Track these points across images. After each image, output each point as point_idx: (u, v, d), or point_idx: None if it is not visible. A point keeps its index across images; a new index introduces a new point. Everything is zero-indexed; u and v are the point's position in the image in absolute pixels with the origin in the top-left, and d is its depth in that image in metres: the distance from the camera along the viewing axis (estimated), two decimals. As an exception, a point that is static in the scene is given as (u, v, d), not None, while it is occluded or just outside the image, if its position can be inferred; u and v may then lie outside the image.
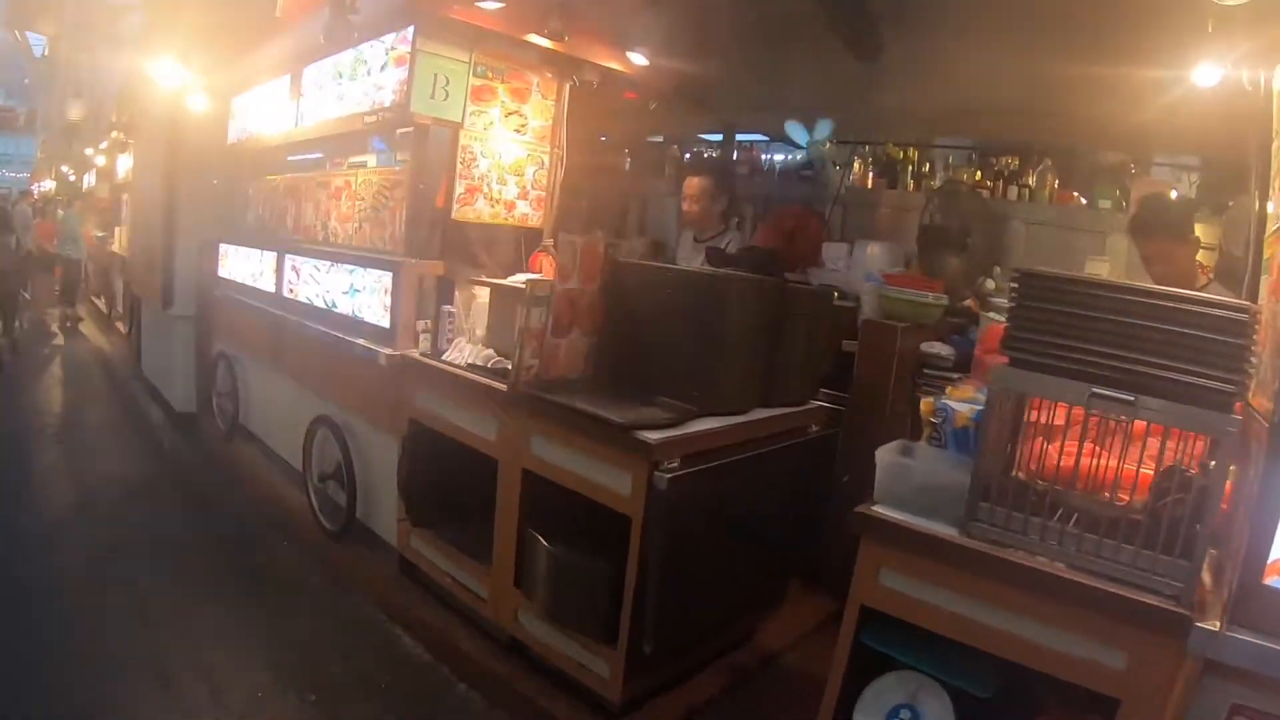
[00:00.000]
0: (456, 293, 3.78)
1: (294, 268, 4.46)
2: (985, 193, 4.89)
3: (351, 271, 3.92)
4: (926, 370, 4.18)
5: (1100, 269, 4.56)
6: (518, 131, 3.92)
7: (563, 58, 3.88)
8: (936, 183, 5.15)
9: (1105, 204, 4.65)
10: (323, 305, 4.18)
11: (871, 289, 4.22)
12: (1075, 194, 4.71)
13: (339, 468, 3.97)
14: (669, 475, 2.56)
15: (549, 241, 4.11)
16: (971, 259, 4.58)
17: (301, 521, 4.25)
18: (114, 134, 9.77)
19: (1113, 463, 1.83)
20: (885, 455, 2.25)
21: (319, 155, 4.48)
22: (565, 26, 3.61)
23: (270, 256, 4.72)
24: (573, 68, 4.01)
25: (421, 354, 3.55)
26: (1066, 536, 1.83)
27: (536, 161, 4.03)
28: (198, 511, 4.58)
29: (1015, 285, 1.95)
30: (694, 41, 4.19)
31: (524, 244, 4.14)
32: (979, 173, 5.00)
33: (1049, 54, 4.12)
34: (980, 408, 2.29)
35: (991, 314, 4.07)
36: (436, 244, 3.75)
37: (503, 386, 3.05)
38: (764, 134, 6.31)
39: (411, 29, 3.44)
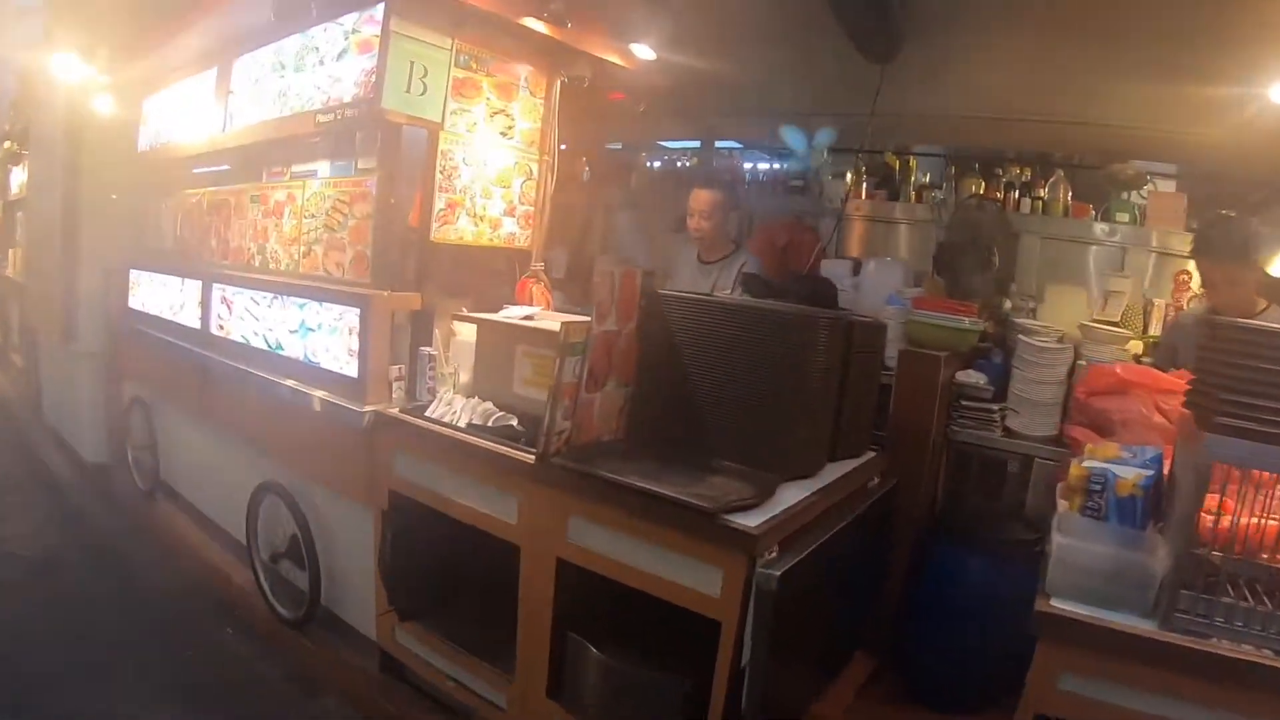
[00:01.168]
0: (435, 330, 2.89)
1: (224, 300, 3.46)
2: (974, 201, 4.33)
3: (302, 306, 2.98)
4: (965, 402, 3.55)
5: (1122, 287, 4.05)
6: (504, 135, 3.07)
7: (557, 48, 3.05)
8: (941, 195, 4.57)
9: (1123, 218, 4.14)
10: (264, 346, 3.21)
11: (898, 313, 3.55)
12: (1091, 208, 4.20)
13: (295, 544, 3.02)
14: (777, 572, 1.84)
15: (539, 265, 3.27)
16: (995, 278, 3.99)
17: (250, 606, 3.27)
18: (6, 144, 8.24)
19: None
20: (1057, 537, 1.74)
21: (252, 163, 3.48)
22: (568, 10, 2.79)
23: (193, 286, 3.68)
24: (566, 60, 3.18)
25: (401, 410, 2.66)
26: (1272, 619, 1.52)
27: (524, 171, 3.18)
28: (119, 590, 3.52)
29: (1211, 336, 1.68)
30: (704, 35, 3.43)
31: (510, 268, 3.29)
32: (983, 183, 4.44)
33: (1089, 60, 3.60)
34: (1149, 474, 1.90)
35: (1088, 350, 3.48)
36: (411, 271, 2.86)
37: (523, 456, 2.22)
38: (742, 141, 5.62)
39: (382, 6, 2.55)
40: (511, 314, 2.91)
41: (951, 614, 2.81)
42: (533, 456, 2.19)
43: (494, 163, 3.04)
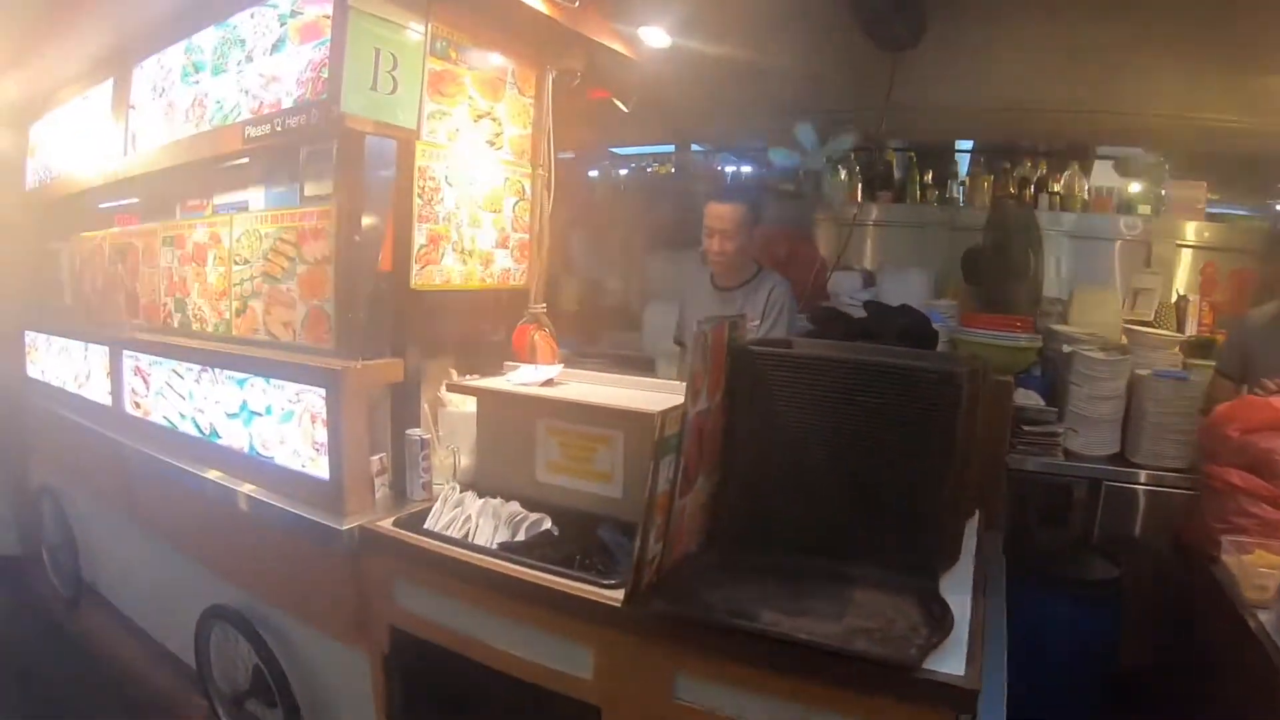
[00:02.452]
0: (424, 405, 2.05)
1: (138, 372, 2.51)
2: (1011, 201, 3.73)
3: (242, 383, 2.08)
4: (1025, 427, 2.94)
5: (1151, 284, 3.51)
6: (491, 144, 2.23)
7: (550, 33, 2.24)
8: (951, 193, 3.95)
9: (1145, 210, 3.60)
10: (195, 433, 2.29)
11: (941, 332, 2.89)
12: (1111, 200, 3.65)
13: (261, 680, 2.13)
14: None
15: (540, 308, 2.45)
16: (1031, 284, 3.38)
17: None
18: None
19: None
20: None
21: (163, 196, 2.51)
22: (568, -20, 1.98)
23: (98, 353, 2.71)
24: (557, 50, 2.37)
25: (395, 521, 1.81)
26: None
27: (516, 190, 2.36)
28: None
29: None
30: (709, 19, 2.66)
31: (500, 312, 2.46)
32: (993, 179, 3.84)
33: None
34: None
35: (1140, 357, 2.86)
36: (387, 331, 2.00)
37: (597, 596, 1.46)
38: (714, 143, 4.88)
39: (332, -25, 1.69)
40: (524, 378, 2.09)
41: (1040, 664, 2.18)
42: (608, 593, 1.43)
43: (482, 181, 2.20)
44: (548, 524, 1.83)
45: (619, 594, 1.41)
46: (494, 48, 2.19)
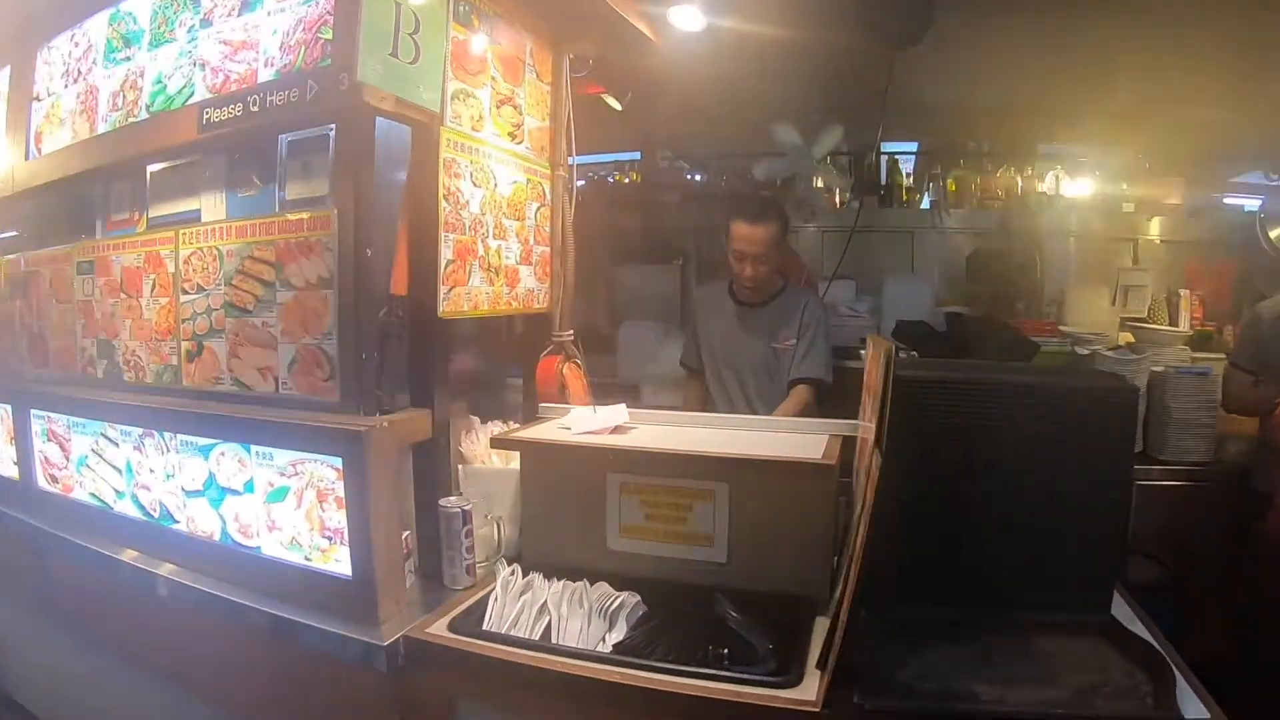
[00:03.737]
0: (460, 468, 1.54)
1: (52, 435, 1.83)
2: (998, 202, 3.53)
3: (207, 451, 1.49)
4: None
5: (1142, 281, 3.38)
6: (512, 137, 1.74)
7: (574, 5, 1.77)
8: (935, 196, 3.70)
9: (1129, 208, 3.48)
10: (137, 514, 1.66)
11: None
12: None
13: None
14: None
15: (567, 335, 1.97)
16: (1035, 285, 3.17)
17: None
18: None
19: None
20: None
21: (80, 209, 1.83)
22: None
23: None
24: (577, 28, 1.90)
25: (452, 623, 1.29)
26: None
27: (537, 193, 1.87)
28: None
29: None
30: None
31: (513, 340, 1.96)
32: (979, 179, 3.62)
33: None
34: None
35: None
36: (402, 373, 1.47)
37: (767, 695, 1.07)
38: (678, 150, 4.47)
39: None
40: (586, 424, 1.60)
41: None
42: (785, 693, 1.05)
43: (504, 181, 1.70)
44: (631, 602, 1.35)
45: (796, 692, 1.07)
46: (514, 19, 1.70)
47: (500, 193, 1.68)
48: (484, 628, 1.31)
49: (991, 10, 2.85)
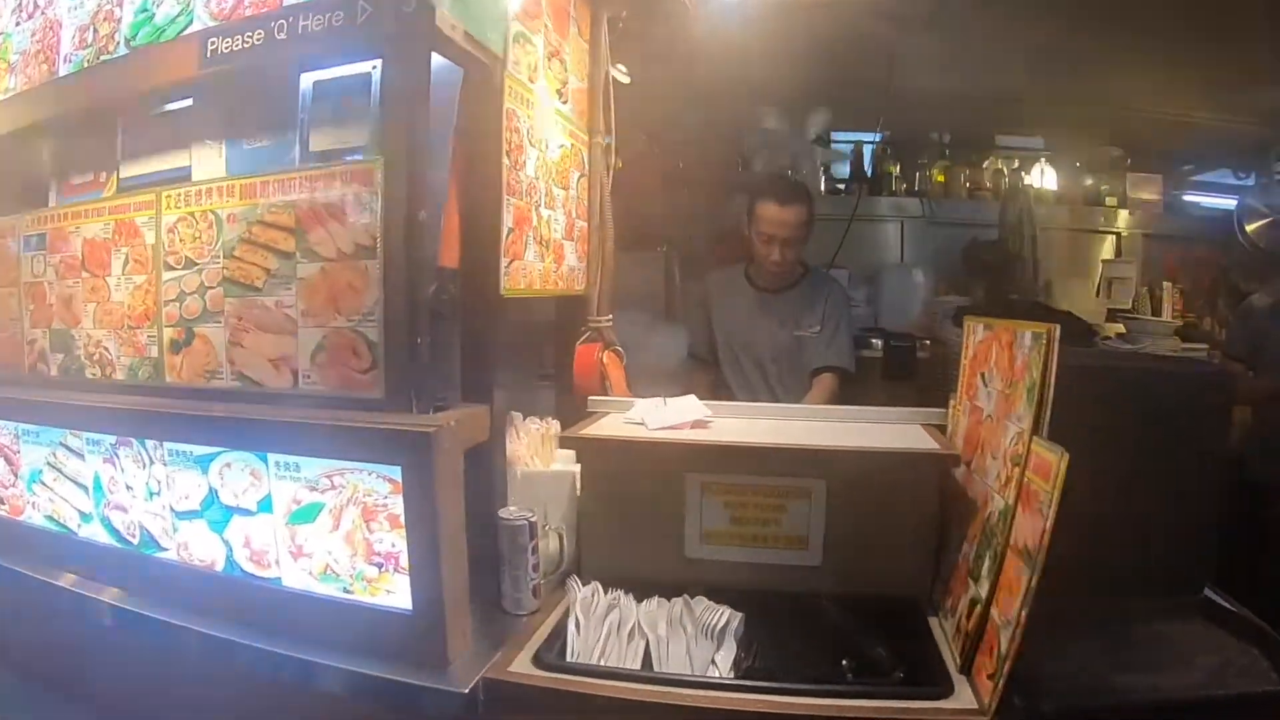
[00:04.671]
0: (518, 471, 1.27)
1: None
2: (988, 194, 3.46)
3: (207, 463, 1.16)
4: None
5: (1126, 273, 3.37)
6: (559, 95, 1.47)
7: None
8: (920, 186, 3.57)
9: (1111, 202, 3.47)
10: (110, 540, 1.31)
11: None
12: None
13: None
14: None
15: (606, 321, 1.72)
16: (1030, 277, 3.09)
17: None
18: None
19: None
20: None
21: (30, 171, 1.45)
22: None
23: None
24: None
25: (537, 662, 1.02)
26: None
27: (578, 161, 1.60)
28: None
29: None
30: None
31: (548, 328, 1.69)
32: (967, 171, 3.53)
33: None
34: None
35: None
36: (450, 361, 1.18)
37: (931, 710, 0.90)
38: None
39: None
40: (662, 419, 1.35)
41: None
42: (942, 704, 0.93)
43: (553, 142, 1.43)
44: (734, 617, 1.11)
45: (953, 702, 0.94)
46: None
47: (549, 156, 1.41)
48: (569, 659, 1.06)
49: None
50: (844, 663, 1.05)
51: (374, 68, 1.08)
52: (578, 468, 1.37)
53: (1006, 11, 2.70)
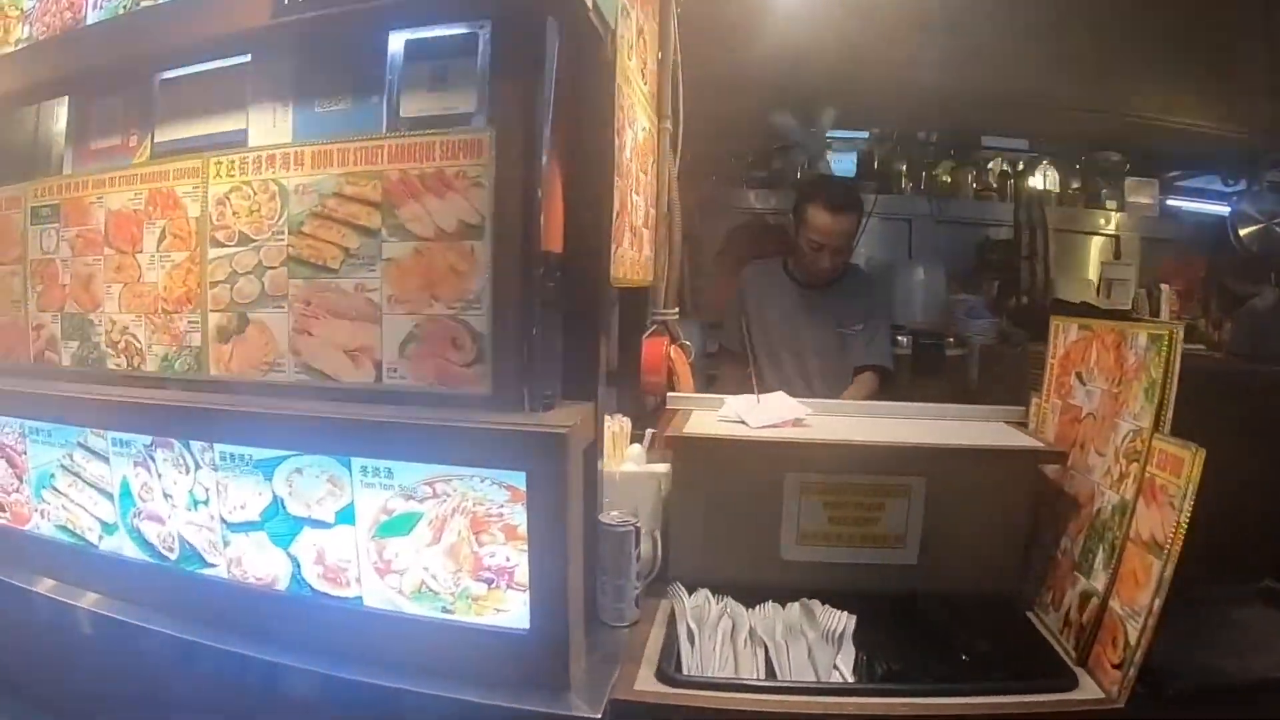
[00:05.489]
0: (615, 473, 1.17)
1: None
2: (994, 195, 3.49)
3: (273, 468, 1.02)
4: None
5: (1126, 275, 3.45)
6: (643, 75, 1.37)
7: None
8: (927, 185, 3.58)
9: (1111, 205, 3.54)
10: (140, 555, 1.15)
11: (987, 329, 2.51)
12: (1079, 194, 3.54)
13: None
14: None
15: (672, 313, 1.63)
16: (1047, 274, 3.13)
17: None
18: None
19: None
20: None
21: (37, 139, 1.26)
22: None
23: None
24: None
25: (661, 677, 0.93)
26: None
27: (653, 145, 1.50)
28: None
29: None
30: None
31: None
32: (974, 171, 3.56)
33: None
34: None
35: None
36: (553, 354, 1.07)
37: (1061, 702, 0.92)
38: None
39: None
40: (757, 415, 1.27)
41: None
42: (1070, 696, 0.94)
43: (639, 124, 1.33)
44: (847, 621, 1.06)
45: (1080, 693, 0.94)
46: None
47: (638, 139, 1.31)
48: (686, 672, 0.98)
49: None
50: (963, 658, 1.03)
51: (482, 28, 0.96)
52: (662, 467, 1.29)
53: (1011, 15, 2.72)
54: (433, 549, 0.95)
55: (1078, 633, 1.02)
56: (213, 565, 1.10)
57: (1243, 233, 3.21)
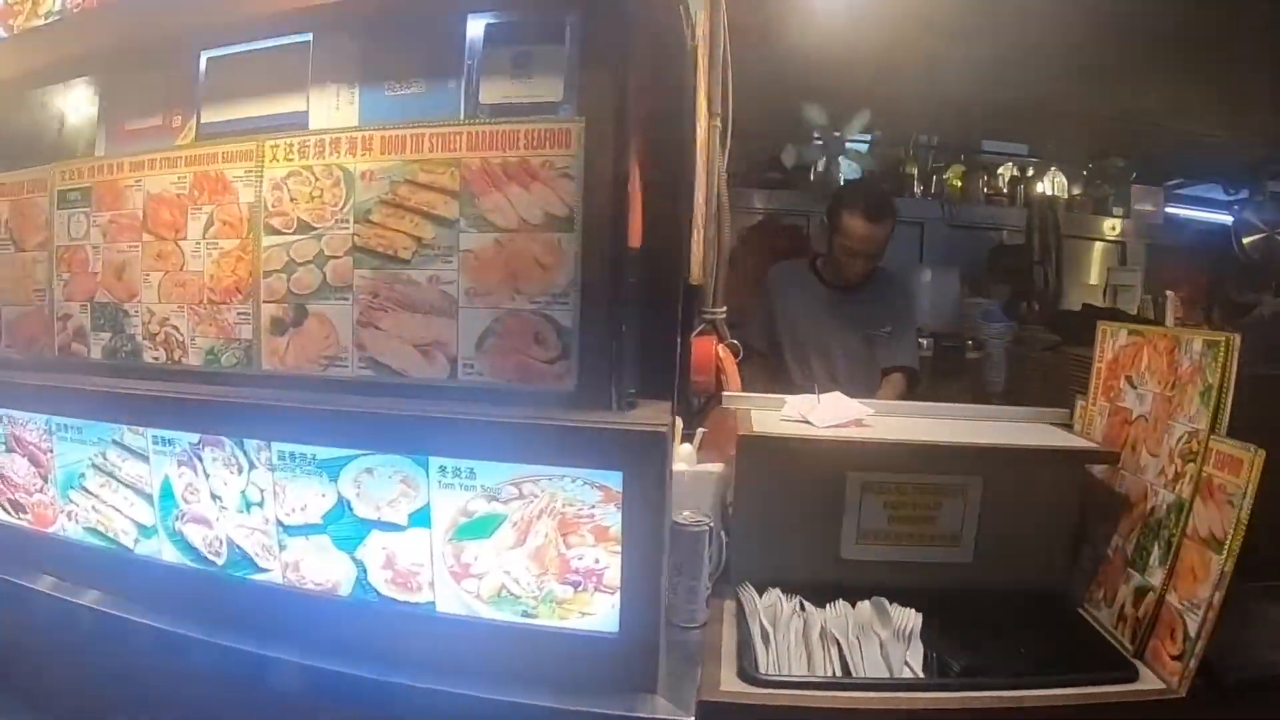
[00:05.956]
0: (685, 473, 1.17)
1: (19, 443, 1.20)
2: (1004, 200, 3.57)
3: (338, 468, 0.99)
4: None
5: (1131, 280, 3.56)
6: (699, 68, 1.37)
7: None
8: (936, 190, 3.65)
9: (1118, 211, 3.65)
10: (182, 559, 1.11)
11: (1003, 332, 2.57)
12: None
13: None
14: None
15: (720, 312, 1.63)
16: (1059, 280, 3.21)
17: None
18: None
19: None
20: None
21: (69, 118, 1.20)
22: None
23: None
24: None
25: (745, 678, 0.95)
26: None
27: (706, 141, 1.50)
28: None
29: None
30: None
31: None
32: (984, 175, 3.64)
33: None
34: None
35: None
36: (633, 352, 1.06)
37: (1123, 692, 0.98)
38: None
39: None
40: (820, 415, 1.28)
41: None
42: (1130, 687, 1.00)
43: (701, 119, 1.33)
44: (914, 618, 1.09)
45: (1142, 684, 0.99)
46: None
47: (699, 134, 1.31)
48: (767, 674, 0.99)
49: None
50: (1021, 653, 1.07)
51: (570, 15, 0.95)
52: (716, 467, 1.29)
53: (1022, 24, 2.79)
54: (515, 552, 0.94)
55: (1134, 627, 1.07)
56: (265, 570, 1.07)
57: (1245, 241, 3.33)
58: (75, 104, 1.22)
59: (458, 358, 1.00)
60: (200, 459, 1.08)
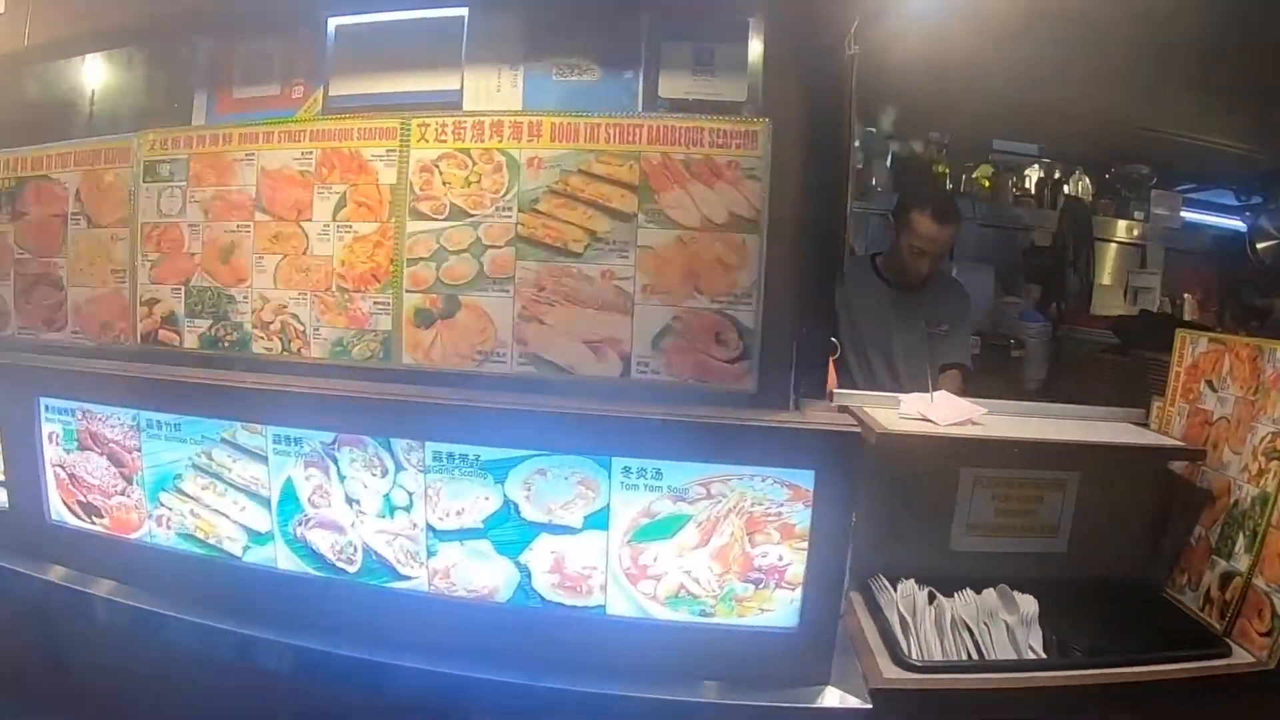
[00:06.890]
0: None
1: (98, 440, 1.23)
2: (1032, 201, 3.90)
3: (507, 470, 1.09)
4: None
5: (1150, 283, 3.95)
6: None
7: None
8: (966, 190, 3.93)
9: (1139, 215, 4.04)
10: (305, 568, 1.18)
11: (1041, 331, 2.91)
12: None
13: None
14: None
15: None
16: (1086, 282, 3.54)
17: None
18: None
19: None
20: None
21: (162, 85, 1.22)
22: None
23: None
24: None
25: (901, 665, 1.15)
26: None
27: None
28: None
29: None
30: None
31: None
32: (1013, 177, 3.95)
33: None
34: None
35: None
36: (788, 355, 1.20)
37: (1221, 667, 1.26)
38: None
39: None
40: (939, 413, 1.48)
41: None
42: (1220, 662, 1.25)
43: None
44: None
45: (1234, 660, 1.24)
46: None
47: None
48: (914, 659, 1.19)
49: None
50: (1125, 633, 1.31)
51: (754, 16, 1.08)
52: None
53: (1045, 27, 3.08)
54: (699, 552, 1.07)
55: (1221, 608, 1.31)
56: (407, 578, 1.16)
57: (1260, 247, 3.77)
58: (164, 66, 1.26)
59: (631, 355, 1.12)
60: (335, 460, 1.16)
